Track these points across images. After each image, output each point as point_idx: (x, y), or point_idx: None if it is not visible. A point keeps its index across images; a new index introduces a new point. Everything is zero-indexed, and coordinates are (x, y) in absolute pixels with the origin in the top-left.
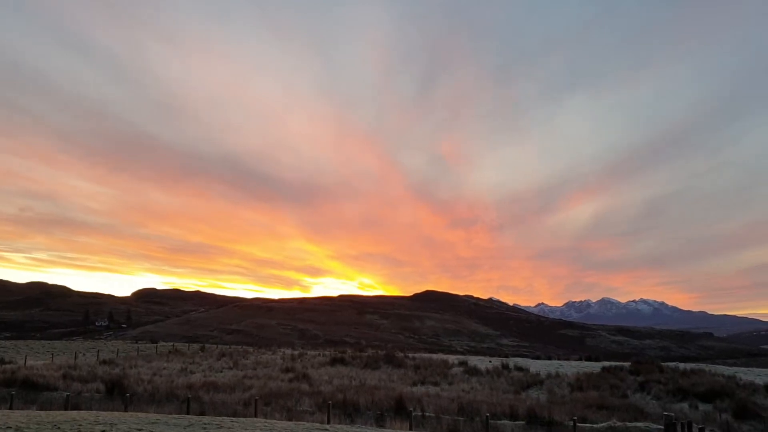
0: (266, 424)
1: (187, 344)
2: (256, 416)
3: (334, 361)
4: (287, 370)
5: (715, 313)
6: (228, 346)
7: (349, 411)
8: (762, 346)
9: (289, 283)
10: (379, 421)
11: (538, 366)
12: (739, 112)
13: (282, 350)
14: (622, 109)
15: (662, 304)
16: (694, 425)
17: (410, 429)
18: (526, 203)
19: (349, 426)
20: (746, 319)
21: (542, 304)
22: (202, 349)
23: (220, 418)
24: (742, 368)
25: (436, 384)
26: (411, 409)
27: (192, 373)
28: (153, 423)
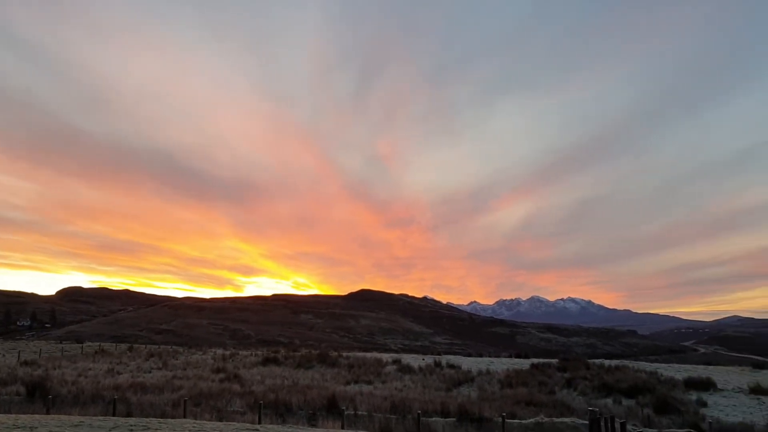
0: (195, 425)
1: (115, 344)
2: (185, 417)
3: (266, 361)
4: (218, 371)
5: (639, 312)
6: (157, 346)
7: (281, 411)
8: (682, 343)
9: (221, 283)
10: (311, 421)
11: (469, 363)
12: (662, 118)
13: (213, 350)
14: (553, 112)
15: (589, 302)
16: (617, 420)
17: (342, 428)
18: (461, 204)
19: (280, 426)
20: (668, 317)
21: (475, 302)
22: (130, 349)
23: (147, 419)
24: (663, 364)
25: (369, 383)
26: (344, 408)
27: (119, 373)
28: (76, 426)
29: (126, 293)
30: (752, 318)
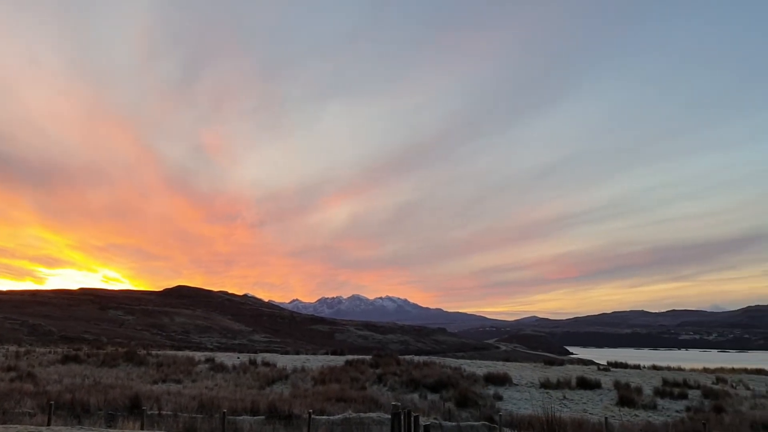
0: None
1: None
2: None
3: (66, 359)
4: (9, 369)
5: (450, 311)
6: None
7: (77, 412)
8: (486, 341)
9: (20, 274)
10: (110, 422)
11: (285, 361)
12: (476, 132)
13: (6, 347)
14: (380, 118)
15: (405, 301)
16: (413, 413)
17: (142, 428)
18: (287, 202)
19: (71, 428)
20: (475, 316)
21: (297, 300)
22: None
23: None
24: (468, 360)
25: (178, 382)
26: (146, 407)
27: None
28: None
29: None
30: (548, 318)
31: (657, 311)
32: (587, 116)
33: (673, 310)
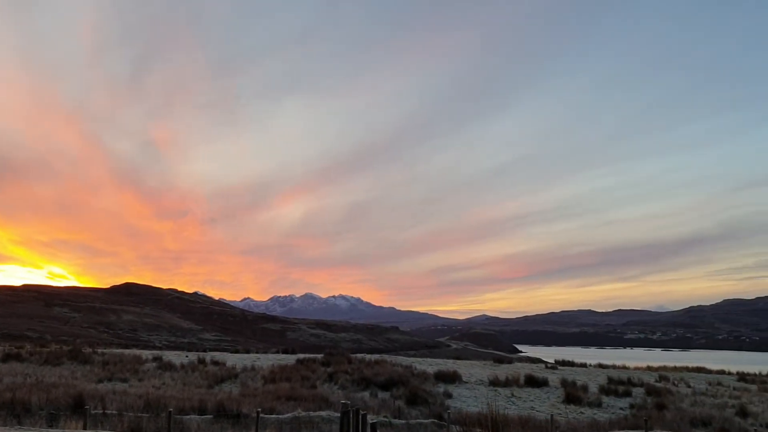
0: None
1: None
2: None
3: (7, 357)
4: None
5: (402, 309)
6: None
7: (17, 411)
8: (438, 339)
9: None
10: (52, 421)
11: (235, 359)
12: (432, 132)
13: None
14: (335, 116)
15: (358, 299)
16: (362, 412)
17: (85, 428)
18: (239, 198)
19: (10, 428)
20: (427, 315)
21: (248, 298)
22: None
23: None
24: (419, 359)
25: (124, 380)
26: (89, 407)
27: None
28: None
29: None
30: (498, 317)
31: (604, 311)
32: (542, 117)
33: (619, 310)
